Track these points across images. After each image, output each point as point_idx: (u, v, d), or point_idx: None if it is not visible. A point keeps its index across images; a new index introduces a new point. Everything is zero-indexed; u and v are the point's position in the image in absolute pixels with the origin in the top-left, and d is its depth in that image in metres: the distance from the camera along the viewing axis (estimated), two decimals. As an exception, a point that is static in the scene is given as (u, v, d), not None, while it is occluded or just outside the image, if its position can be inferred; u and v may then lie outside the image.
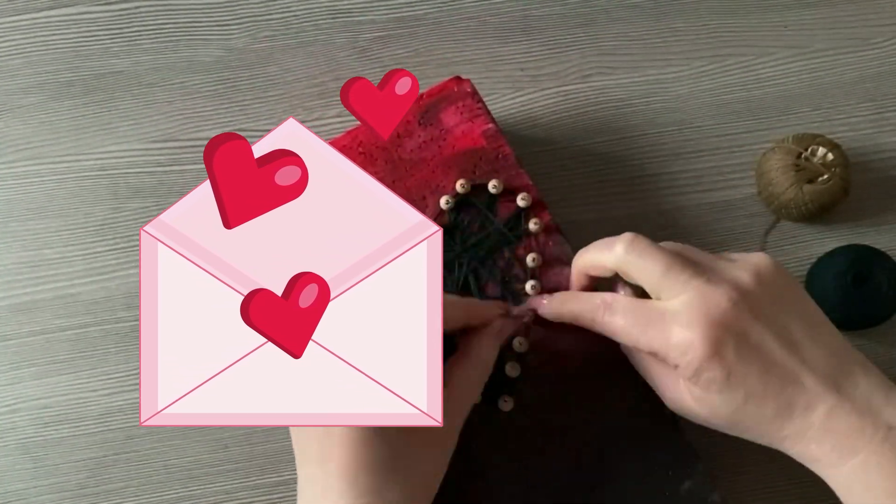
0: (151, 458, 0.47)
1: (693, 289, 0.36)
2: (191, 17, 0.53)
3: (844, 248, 0.47)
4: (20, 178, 0.50)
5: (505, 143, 0.45)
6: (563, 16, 0.53)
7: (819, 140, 0.48)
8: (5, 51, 0.52)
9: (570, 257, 0.44)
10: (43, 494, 0.47)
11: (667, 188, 0.50)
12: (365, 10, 0.53)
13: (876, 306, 0.46)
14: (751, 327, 0.35)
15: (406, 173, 0.45)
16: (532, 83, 0.52)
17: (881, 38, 0.53)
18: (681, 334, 0.35)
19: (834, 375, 0.35)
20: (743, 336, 0.35)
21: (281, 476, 0.47)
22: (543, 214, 0.44)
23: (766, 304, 0.36)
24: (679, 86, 0.52)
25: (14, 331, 0.48)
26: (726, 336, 0.35)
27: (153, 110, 0.51)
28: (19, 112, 0.51)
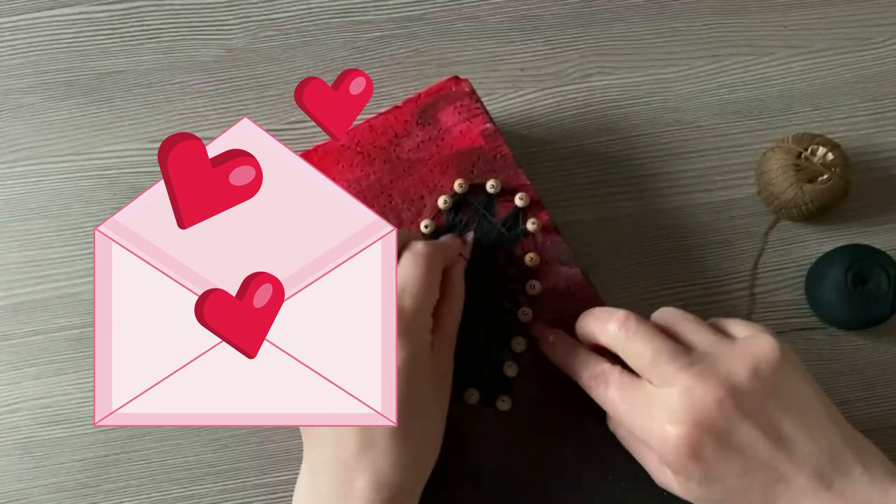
0: (151, 458, 0.47)
1: (679, 383, 0.35)
2: (191, 17, 0.53)
3: (844, 248, 0.47)
4: (20, 178, 0.50)
5: (503, 142, 0.45)
6: (563, 16, 0.53)
7: (819, 140, 0.48)
8: (5, 51, 0.52)
9: (568, 257, 0.44)
10: (43, 494, 0.47)
11: (667, 188, 0.50)
12: (364, 10, 0.53)
13: (876, 306, 0.46)
14: (736, 427, 0.35)
15: (404, 173, 0.45)
16: (532, 83, 0.52)
17: (881, 38, 0.53)
18: (662, 427, 0.35)
19: (827, 473, 0.34)
20: (726, 435, 0.35)
21: (281, 476, 0.47)
22: (541, 214, 0.44)
23: (758, 400, 0.35)
24: (679, 86, 0.52)
25: (14, 331, 0.48)
26: (706, 437, 0.34)
27: (153, 110, 0.51)
28: (19, 112, 0.51)
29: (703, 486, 0.35)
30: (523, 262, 0.44)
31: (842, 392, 0.48)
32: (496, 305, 0.44)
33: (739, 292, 0.49)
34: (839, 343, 0.48)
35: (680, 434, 0.35)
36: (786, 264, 0.49)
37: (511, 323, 0.44)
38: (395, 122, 0.46)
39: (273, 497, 0.47)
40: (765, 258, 0.49)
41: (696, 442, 0.34)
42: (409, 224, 0.44)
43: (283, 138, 0.50)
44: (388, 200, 0.45)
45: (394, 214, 0.45)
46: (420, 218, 0.44)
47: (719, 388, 0.35)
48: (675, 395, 0.35)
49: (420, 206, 0.45)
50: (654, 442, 0.36)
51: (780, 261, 0.49)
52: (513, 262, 0.44)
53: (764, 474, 0.35)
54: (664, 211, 0.50)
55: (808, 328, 0.48)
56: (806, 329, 0.48)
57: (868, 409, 0.48)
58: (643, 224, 0.50)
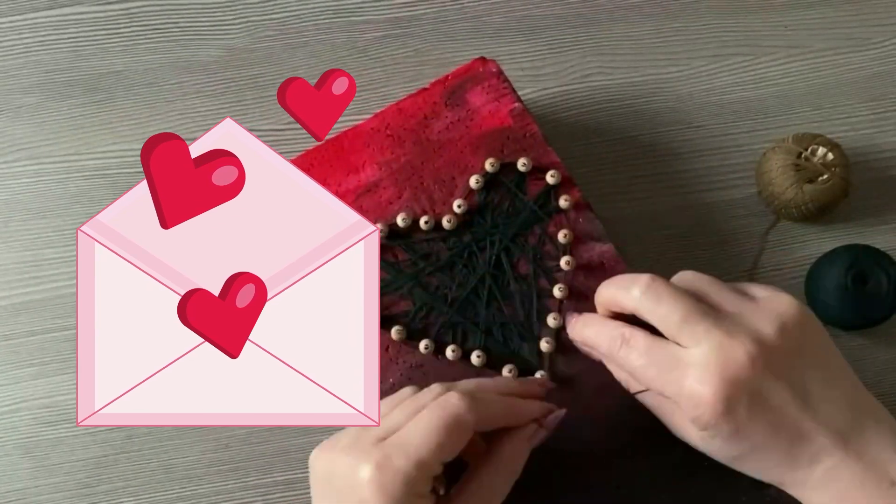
0: (151, 458, 0.47)
1: (711, 340, 0.35)
2: (191, 17, 0.53)
3: (844, 249, 0.47)
4: (20, 178, 0.50)
5: (532, 121, 0.45)
6: (563, 16, 0.53)
7: (819, 140, 0.48)
8: (5, 51, 0.52)
9: (601, 233, 0.44)
10: (43, 494, 0.47)
11: (667, 188, 0.50)
12: (364, 9, 0.53)
13: (876, 306, 0.46)
14: (767, 385, 0.34)
15: (434, 154, 0.45)
16: (532, 83, 0.52)
17: (881, 38, 0.53)
18: (694, 387, 0.34)
19: (845, 431, 0.34)
20: (757, 394, 0.34)
21: (281, 476, 0.47)
22: (573, 191, 0.45)
23: (786, 358, 0.35)
24: (679, 86, 0.52)
25: (14, 331, 0.48)
26: (740, 394, 0.34)
27: (153, 110, 0.51)
28: (19, 112, 0.51)
29: (730, 442, 0.35)
30: (557, 238, 0.44)
31: (842, 392, 0.48)
32: (532, 282, 0.44)
33: (739, 292, 0.49)
34: (840, 343, 0.48)
35: (714, 394, 0.34)
36: (786, 264, 0.49)
37: (547, 300, 0.44)
38: (423, 104, 0.46)
39: (273, 497, 0.47)
40: (765, 258, 0.49)
41: (731, 398, 0.34)
42: (441, 204, 0.45)
43: (283, 138, 0.50)
44: (420, 182, 0.45)
45: (426, 195, 0.45)
46: (452, 198, 0.44)
47: (751, 345, 0.34)
48: (706, 354, 0.34)
49: (452, 187, 0.45)
50: (686, 402, 0.35)
51: (780, 261, 0.49)
52: (547, 239, 0.44)
53: (789, 433, 0.34)
54: (664, 211, 0.50)
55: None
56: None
57: (868, 409, 0.48)
58: (643, 224, 0.50)
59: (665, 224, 0.50)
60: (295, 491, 0.47)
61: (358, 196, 0.45)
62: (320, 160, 0.45)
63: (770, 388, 0.34)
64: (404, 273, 0.44)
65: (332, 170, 0.45)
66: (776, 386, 0.34)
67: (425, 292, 0.44)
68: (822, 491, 0.34)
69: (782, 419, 0.34)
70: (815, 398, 0.35)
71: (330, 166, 0.45)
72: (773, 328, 0.35)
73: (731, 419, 0.34)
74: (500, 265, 0.44)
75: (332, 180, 0.45)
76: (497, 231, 0.44)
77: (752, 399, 0.34)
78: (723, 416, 0.34)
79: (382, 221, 0.44)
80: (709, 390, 0.34)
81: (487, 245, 0.44)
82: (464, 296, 0.44)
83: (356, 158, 0.45)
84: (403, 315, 0.43)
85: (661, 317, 0.36)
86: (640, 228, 0.50)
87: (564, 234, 0.44)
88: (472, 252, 0.44)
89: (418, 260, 0.44)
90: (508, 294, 0.44)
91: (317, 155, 0.45)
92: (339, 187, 0.45)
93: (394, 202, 0.45)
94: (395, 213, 0.44)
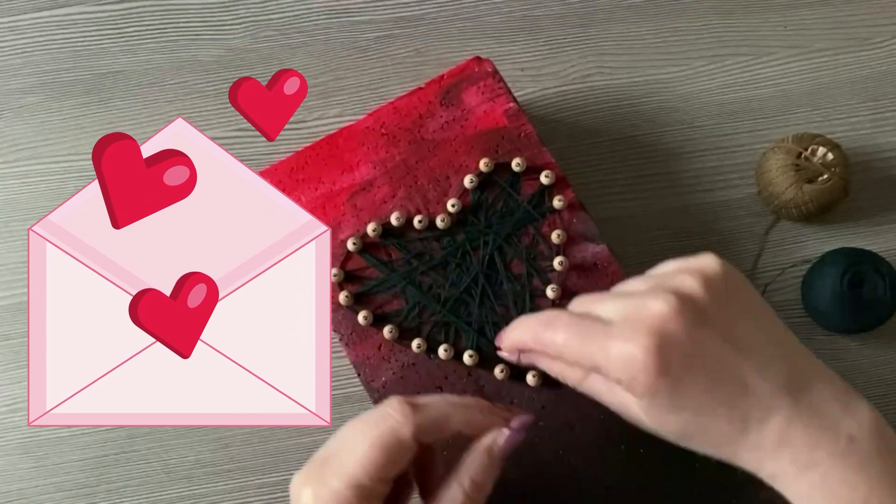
0: (151, 458, 0.47)
1: (630, 301, 0.34)
2: (191, 17, 0.53)
3: (838, 252, 0.47)
4: (20, 178, 0.50)
5: (527, 121, 0.45)
6: (563, 16, 0.53)
7: (819, 140, 0.48)
8: (5, 51, 0.52)
9: (594, 234, 0.44)
10: (43, 494, 0.47)
11: (667, 188, 0.50)
12: (364, 9, 0.53)
13: (872, 309, 0.46)
14: (697, 333, 0.32)
15: (429, 153, 0.45)
16: (532, 83, 0.52)
17: (881, 38, 0.53)
18: (622, 348, 0.32)
19: (789, 382, 0.33)
20: (689, 344, 0.32)
21: (281, 476, 0.47)
22: (567, 191, 0.45)
23: (713, 308, 0.33)
24: (679, 86, 0.52)
25: (14, 331, 0.48)
26: (670, 346, 0.32)
27: (153, 110, 0.51)
28: (19, 112, 0.51)
29: (672, 407, 0.33)
30: (550, 239, 0.44)
31: (842, 392, 0.48)
32: (525, 282, 0.44)
33: (739, 292, 0.49)
34: (840, 343, 0.48)
35: (643, 347, 0.32)
36: (785, 265, 0.49)
37: (540, 300, 0.44)
38: (419, 103, 0.46)
39: (273, 497, 0.47)
40: (765, 258, 0.49)
41: (661, 352, 0.32)
42: (435, 204, 0.45)
43: (284, 138, 0.50)
44: (414, 181, 0.45)
45: (420, 195, 0.45)
46: (446, 198, 0.44)
47: (673, 299, 0.33)
48: (628, 314, 0.33)
49: (446, 186, 0.45)
50: (616, 367, 0.33)
51: (780, 261, 0.49)
52: (540, 239, 0.44)
53: (732, 384, 0.33)
54: (664, 211, 0.50)
55: (808, 327, 0.48)
56: (806, 328, 0.48)
57: (868, 410, 0.48)
58: (643, 224, 0.50)
59: (665, 224, 0.50)
60: (295, 491, 0.47)
61: (352, 194, 0.45)
62: (315, 158, 0.45)
63: (701, 336, 0.32)
64: (397, 272, 0.44)
65: (326, 168, 0.45)
66: (707, 334, 0.32)
67: (418, 291, 0.44)
68: (779, 455, 0.32)
69: (721, 368, 0.32)
70: (750, 347, 0.33)
71: (324, 164, 0.45)
72: (695, 282, 0.34)
73: (665, 374, 0.32)
74: (494, 265, 0.44)
75: (327, 178, 0.45)
76: (491, 231, 0.44)
77: (683, 350, 0.32)
78: (657, 372, 0.32)
79: (376, 220, 0.44)
80: (637, 347, 0.32)
81: (481, 245, 0.44)
82: (457, 295, 0.44)
83: (351, 157, 0.45)
84: (396, 314, 0.43)
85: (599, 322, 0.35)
86: (640, 228, 0.50)
87: (558, 235, 0.44)
88: (465, 251, 0.44)
89: (412, 259, 0.44)
90: (501, 294, 0.44)
91: (311, 153, 0.45)
92: (334, 185, 0.45)
93: (388, 201, 0.45)
94: (389, 212, 0.44)
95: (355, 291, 0.43)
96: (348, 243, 0.43)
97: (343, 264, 0.43)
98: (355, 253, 0.43)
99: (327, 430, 0.46)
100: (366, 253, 0.44)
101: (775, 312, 0.35)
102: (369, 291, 0.43)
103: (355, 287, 0.43)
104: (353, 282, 0.43)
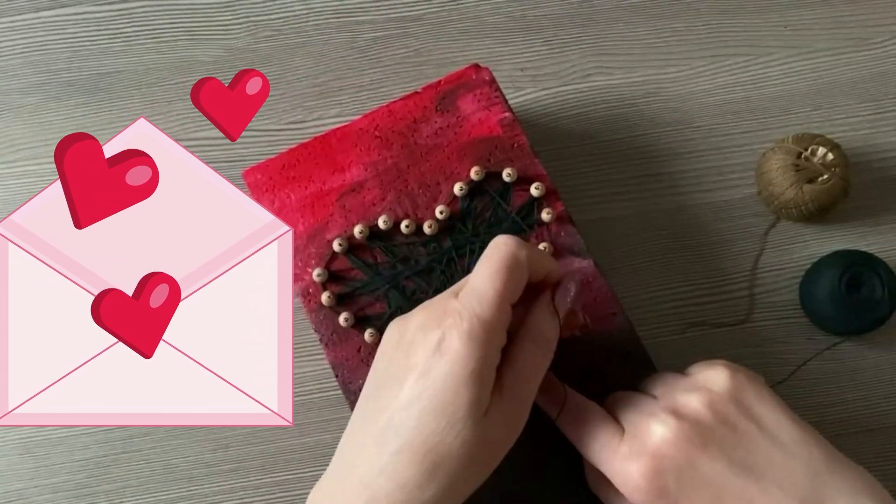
0: (151, 458, 0.47)
1: (643, 415, 0.36)
2: (191, 17, 0.53)
3: (836, 254, 0.47)
4: (20, 178, 0.50)
5: (521, 132, 0.45)
6: (563, 16, 0.53)
7: (819, 140, 0.48)
8: (5, 51, 0.52)
9: (581, 248, 0.44)
10: (43, 494, 0.47)
11: (667, 188, 0.50)
12: (364, 10, 0.53)
13: (870, 311, 0.46)
14: (696, 457, 0.34)
15: (421, 158, 0.45)
16: (532, 83, 0.52)
17: (881, 38, 0.53)
18: (622, 464, 0.35)
19: (807, 497, 0.33)
20: (687, 467, 0.34)
21: (281, 476, 0.47)
22: (557, 204, 0.45)
23: (720, 429, 0.35)
24: (679, 86, 0.52)
25: (14, 331, 0.48)
26: (666, 469, 0.34)
27: (153, 110, 0.51)
28: (19, 112, 0.51)
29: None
30: None
31: (842, 393, 0.48)
32: None
33: (739, 292, 0.49)
34: (836, 348, 0.48)
35: (640, 470, 0.34)
36: (785, 265, 0.49)
37: None
38: (414, 107, 0.46)
39: (273, 497, 0.47)
40: (764, 258, 0.49)
41: (656, 474, 0.34)
42: (424, 209, 0.45)
43: (283, 138, 0.50)
44: (405, 185, 0.45)
45: (409, 199, 0.45)
46: (435, 203, 0.44)
47: (674, 422, 0.35)
48: (637, 433, 0.36)
49: (436, 192, 0.45)
50: (618, 482, 0.36)
51: (780, 261, 0.49)
52: None
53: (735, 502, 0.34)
54: (664, 211, 0.50)
55: (807, 329, 0.48)
56: (805, 330, 0.48)
57: (868, 410, 0.48)
58: (643, 224, 0.50)
59: (665, 224, 0.50)
60: (295, 491, 0.47)
61: (342, 195, 0.45)
62: (306, 157, 0.45)
63: (701, 459, 0.34)
64: (382, 275, 0.44)
65: (317, 167, 0.45)
66: (708, 457, 0.34)
67: (402, 296, 0.43)
68: None
69: (722, 490, 0.34)
70: (762, 466, 0.34)
71: (315, 164, 0.45)
72: (698, 400, 0.35)
73: (662, 497, 0.34)
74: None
75: (317, 178, 0.45)
76: (478, 239, 0.44)
77: (679, 473, 0.34)
78: (653, 494, 0.34)
79: (364, 222, 0.44)
80: (635, 467, 0.35)
81: (467, 252, 0.44)
82: None
83: (343, 158, 0.45)
84: (378, 317, 0.43)
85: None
86: (640, 228, 0.50)
87: (545, 248, 0.44)
88: (451, 258, 0.44)
89: (397, 263, 0.44)
90: None
91: (303, 151, 0.45)
92: (324, 185, 0.45)
93: (377, 203, 0.45)
94: (377, 215, 0.44)
95: (338, 292, 0.43)
96: (334, 244, 0.43)
97: (328, 264, 0.43)
98: (341, 254, 0.43)
99: (328, 432, 0.47)
100: (351, 254, 0.44)
101: (797, 419, 0.36)
102: (352, 293, 0.43)
103: (338, 288, 0.43)
104: (336, 282, 0.43)
